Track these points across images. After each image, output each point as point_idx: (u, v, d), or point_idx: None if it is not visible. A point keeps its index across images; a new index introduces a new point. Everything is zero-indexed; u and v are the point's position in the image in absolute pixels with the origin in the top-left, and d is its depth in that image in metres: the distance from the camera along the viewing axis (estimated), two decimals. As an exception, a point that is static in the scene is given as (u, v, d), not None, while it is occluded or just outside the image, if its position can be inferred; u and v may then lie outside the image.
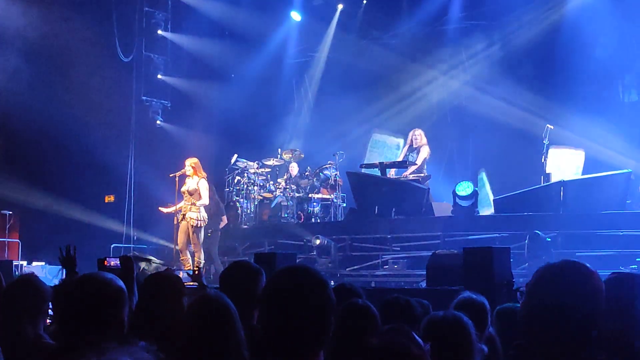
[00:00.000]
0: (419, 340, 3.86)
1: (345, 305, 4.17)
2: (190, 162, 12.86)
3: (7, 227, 17.16)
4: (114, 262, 5.29)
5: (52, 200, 16.93)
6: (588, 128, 15.07)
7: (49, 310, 4.25)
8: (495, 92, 17.33)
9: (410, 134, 15.54)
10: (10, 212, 17.25)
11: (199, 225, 12.66)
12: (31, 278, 4.23)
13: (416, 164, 15.11)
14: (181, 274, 4.79)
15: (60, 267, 15.03)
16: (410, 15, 18.32)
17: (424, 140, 15.33)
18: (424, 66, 18.40)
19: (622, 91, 16.05)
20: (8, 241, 17.16)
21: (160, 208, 13.94)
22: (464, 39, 17.74)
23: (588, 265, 2.59)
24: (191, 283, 6.35)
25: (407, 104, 18.78)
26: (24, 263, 15.65)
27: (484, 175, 16.56)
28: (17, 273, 13.97)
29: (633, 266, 11.23)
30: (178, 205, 13.03)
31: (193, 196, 12.65)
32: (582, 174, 14.51)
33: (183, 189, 12.85)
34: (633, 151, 14.28)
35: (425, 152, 15.23)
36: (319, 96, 19.83)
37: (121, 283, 3.16)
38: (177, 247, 13.10)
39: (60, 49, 16.78)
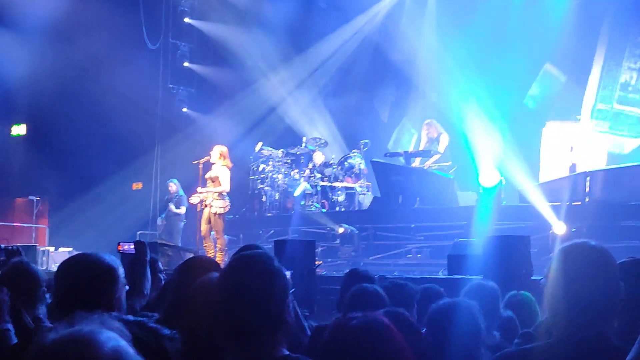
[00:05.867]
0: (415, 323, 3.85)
1: (354, 289, 4.19)
2: (219, 149, 12.88)
3: (35, 212, 17.36)
4: (127, 246, 5.28)
5: (79, 187, 17.08)
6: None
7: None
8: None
9: (424, 127, 15.44)
10: (39, 198, 17.45)
11: (221, 213, 12.70)
12: (21, 264, 4.23)
13: (440, 153, 15.03)
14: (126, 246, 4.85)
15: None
16: (438, 4, 18.21)
17: (441, 129, 15.24)
18: (448, 54, 18.25)
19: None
20: (36, 227, 17.34)
21: (190, 199, 13.98)
22: (491, 26, 17.56)
23: (594, 243, 2.60)
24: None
25: (432, 92, 18.69)
26: (52, 249, 15.82)
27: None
28: (42, 258, 14.16)
29: (659, 257, 11.07)
30: (199, 190, 13.03)
31: (215, 183, 12.69)
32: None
33: (207, 175, 12.90)
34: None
35: (445, 139, 15.12)
36: (344, 85, 19.74)
37: (113, 262, 3.15)
38: (201, 234, 13.16)
39: (87, 37, 16.89)
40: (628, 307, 2.76)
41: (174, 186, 16.15)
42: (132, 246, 5.10)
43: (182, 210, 15.89)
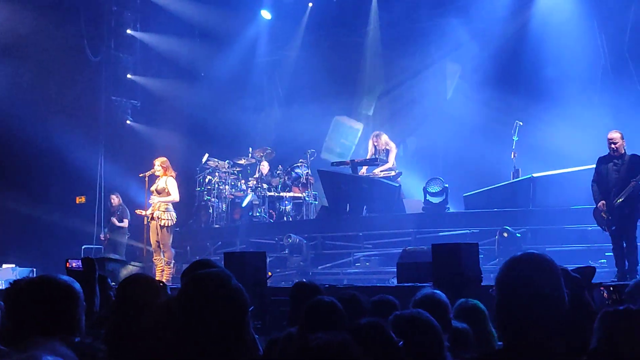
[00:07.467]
0: (393, 336, 3.87)
1: (311, 301, 4.17)
2: (160, 162, 12.81)
3: (-24, 229, 16.94)
4: (75, 263, 5.19)
5: (22, 201, 16.74)
6: (555, 124, 15.22)
7: None
8: (465, 90, 17.48)
9: (372, 138, 15.56)
10: (-21, 215, 17.03)
11: (167, 225, 12.58)
12: None
13: (386, 161, 15.15)
14: (74, 264, 4.84)
15: (30, 268, 15.03)
16: (381, 13, 18.36)
17: (388, 140, 15.37)
18: (393, 64, 18.46)
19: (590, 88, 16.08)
20: (-23, 244, 16.93)
21: (137, 211, 13.86)
22: (433, 37, 17.76)
23: (541, 254, 2.65)
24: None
25: (379, 102, 18.91)
26: (-6, 265, 15.46)
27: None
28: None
29: (602, 260, 11.34)
30: (151, 201, 12.88)
31: (161, 195, 12.59)
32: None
33: (152, 188, 12.79)
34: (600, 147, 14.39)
35: (394, 151, 15.29)
36: (290, 94, 19.81)
37: (73, 284, 3.12)
38: (149, 248, 13.03)
39: (27, 49, 16.61)
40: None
41: (116, 199, 16.00)
42: (80, 263, 5.03)
43: (125, 223, 15.75)
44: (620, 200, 9.96)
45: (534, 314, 2.51)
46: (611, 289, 5.16)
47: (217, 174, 16.54)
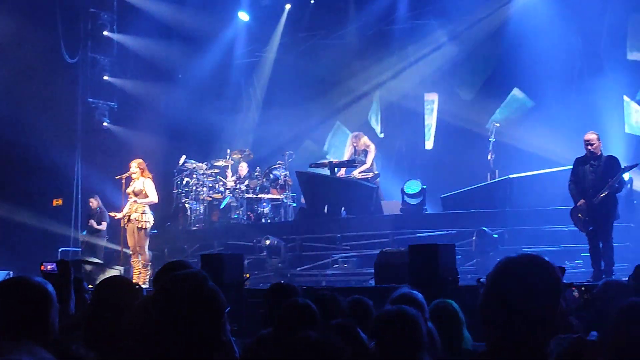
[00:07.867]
0: (364, 338, 3.88)
1: (286, 303, 4.19)
2: (137, 163, 12.74)
3: (-50, 232, 16.77)
4: (50, 266, 5.11)
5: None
6: (532, 125, 15.33)
7: None
8: (442, 91, 17.55)
9: (352, 139, 15.59)
10: (-46, 217, 16.88)
11: (145, 227, 12.52)
12: None
13: (364, 162, 15.16)
14: (49, 266, 4.79)
15: (7, 271, 14.91)
16: (358, 15, 18.40)
17: (368, 141, 15.39)
18: (371, 66, 18.48)
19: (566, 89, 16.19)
20: (-49, 247, 16.76)
21: (111, 213, 13.80)
22: (411, 39, 17.82)
23: (546, 258, 2.59)
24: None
25: (356, 103, 18.92)
26: (-32, 269, 15.31)
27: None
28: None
29: (578, 261, 11.41)
30: (126, 209, 12.83)
31: (138, 197, 12.52)
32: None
33: (129, 190, 12.72)
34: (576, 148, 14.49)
35: (373, 152, 15.29)
36: (268, 96, 19.80)
37: (48, 287, 3.10)
38: (127, 250, 12.97)
39: (3, 51, 16.49)
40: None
41: (94, 202, 15.91)
42: (55, 266, 4.97)
43: (104, 226, 15.67)
44: (604, 194, 9.99)
45: (526, 315, 2.46)
46: (582, 288, 5.19)
47: (194, 176, 16.48)
